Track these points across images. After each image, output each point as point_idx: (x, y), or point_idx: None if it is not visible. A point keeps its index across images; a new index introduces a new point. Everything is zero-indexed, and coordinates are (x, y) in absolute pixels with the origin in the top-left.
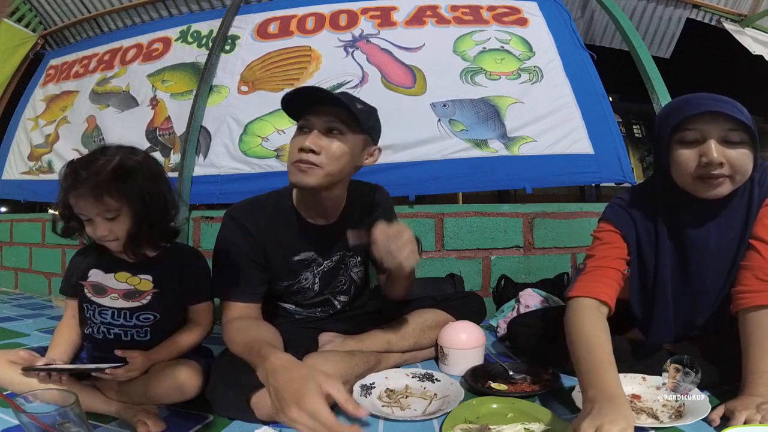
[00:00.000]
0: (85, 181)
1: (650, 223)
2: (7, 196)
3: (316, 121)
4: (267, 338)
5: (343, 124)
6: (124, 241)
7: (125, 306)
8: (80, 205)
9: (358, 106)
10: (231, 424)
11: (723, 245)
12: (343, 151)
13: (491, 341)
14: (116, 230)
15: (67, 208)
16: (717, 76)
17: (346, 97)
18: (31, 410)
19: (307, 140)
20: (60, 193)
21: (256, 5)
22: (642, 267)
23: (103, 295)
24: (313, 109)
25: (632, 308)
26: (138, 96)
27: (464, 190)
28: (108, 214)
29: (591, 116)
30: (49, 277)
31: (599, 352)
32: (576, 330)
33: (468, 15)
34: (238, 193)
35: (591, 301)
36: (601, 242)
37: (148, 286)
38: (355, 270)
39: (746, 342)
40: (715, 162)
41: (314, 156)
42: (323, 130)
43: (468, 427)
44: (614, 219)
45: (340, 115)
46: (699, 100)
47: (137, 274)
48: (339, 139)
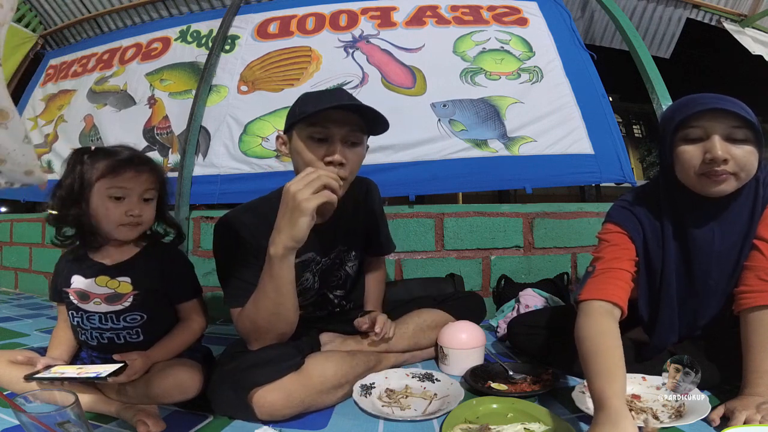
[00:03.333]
0: (142, 160)
1: (656, 223)
2: (7, 196)
3: (337, 131)
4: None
5: (361, 132)
6: (143, 228)
7: (109, 309)
8: (128, 179)
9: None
10: (231, 424)
11: (727, 245)
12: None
13: (491, 341)
14: (146, 213)
15: (72, 192)
16: (717, 76)
17: (364, 106)
18: (31, 410)
19: (336, 154)
20: (77, 173)
21: (256, 5)
22: (649, 268)
23: (86, 301)
24: (333, 117)
25: (639, 310)
26: (135, 95)
27: (464, 190)
28: (147, 194)
29: (591, 116)
30: (49, 277)
31: (608, 361)
32: (586, 335)
33: (468, 15)
34: (238, 193)
35: (603, 304)
36: (609, 244)
37: (128, 289)
38: (350, 264)
39: (747, 342)
40: (719, 158)
41: (341, 169)
42: (344, 140)
43: (468, 427)
44: (621, 220)
45: (359, 123)
46: (703, 99)
47: (116, 277)
48: (358, 148)
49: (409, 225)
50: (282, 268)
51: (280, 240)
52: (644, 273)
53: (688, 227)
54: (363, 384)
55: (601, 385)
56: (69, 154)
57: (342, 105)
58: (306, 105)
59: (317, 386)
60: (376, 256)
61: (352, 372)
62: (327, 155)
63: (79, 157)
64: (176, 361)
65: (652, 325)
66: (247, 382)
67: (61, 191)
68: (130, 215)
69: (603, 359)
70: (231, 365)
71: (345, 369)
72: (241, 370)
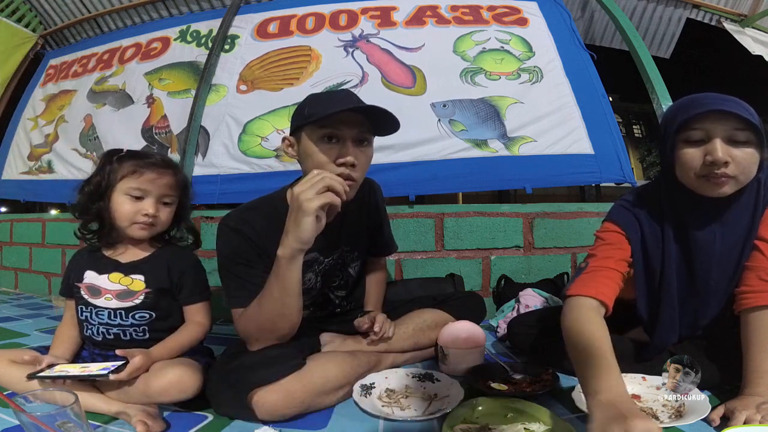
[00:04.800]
0: (165, 164)
1: (656, 224)
2: (7, 196)
3: (349, 133)
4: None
5: (369, 133)
6: (157, 229)
7: (120, 306)
8: (149, 180)
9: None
10: (231, 424)
11: (728, 246)
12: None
13: (491, 341)
14: (162, 216)
15: (99, 188)
16: (717, 76)
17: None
18: (31, 410)
19: (349, 156)
20: (106, 171)
21: (256, 5)
22: (648, 269)
23: (98, 296)
24: (344, 118)
25: (638, 310)
26: (134, 94)
27: (464, 190)
28: (167, 198)
29: (591, 116)
30: (49, 277)
31: (597, 353)
32: (574, 329)
33: (468, 15)
34: (237, 193)
35: (590, 300)
36: (604, 242)
37: (140, 287)
38: (353, 265)
39: (747, 342)
40: (720, 161)
41: (353, 171)
42: (356, 141)
43: (468, 427)
44: (619, 220)
45: (367, 125)
46: (705, 100)
47: (129, 275)
48: (368, 149)
49: (409, 225)
50: (289, 270)
51: (287, 242)
52: (643, 273)
53: (689, 228)
54: (363, 384)
55: (597, 379)
56: (102, 153)
57: (357, 108)
58: (316, 107)
59: (318, 387)
60: (378, 256)
61: (354, 373)
62: (339, 156)
63: (109, 158)
64: (176, 360)
65: (653, 325)
66: (248, 383)
67: (89, 186)
68: (144, 215)
69: (593, 353)
70: (231, 365)
71: (346, 370)
72: (242, 370)
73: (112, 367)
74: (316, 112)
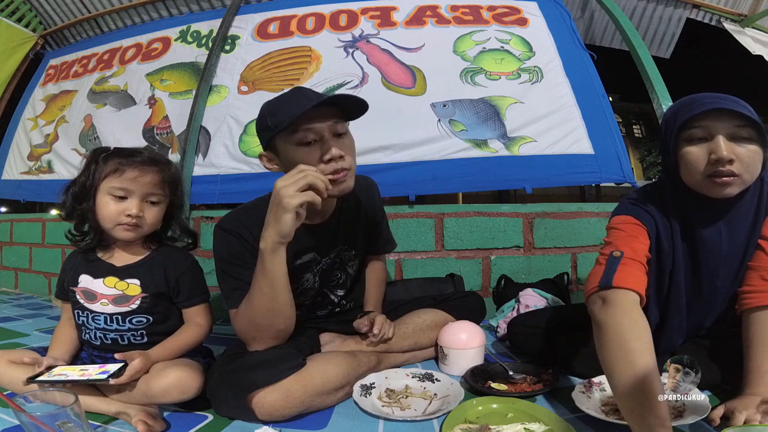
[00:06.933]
0: (150, 161)
1: (666, 221)
2: (7, 196)
3: (323, 127)
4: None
5: (343, 121)
6: (144, 230)
7: (116, 311)
8: (131, 179)
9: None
10: (231, 424)
11: (734, 246)
12: (354, 146)
13: (491, 341)
14: (148, 216)
15: (83, 189)
16: (717, 76)
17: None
18: (31, 410)
19: (332, 150)
20: (91, 171)
21: (256, 5)
22: (660, 269)
23: (93, 301)
24: (313, 115)
25: (648, 312)
26: (136, 95)
27: (464, 190)
28: (153, 197)
29: (591, 116)
30: (49, 277)
31: (650, 377)
32: (616, 333)
33: (468, 15)
34: (237, 193)
35: (632, 294)
36: (626, 233)
37: (136, 291)
38: (351, 263)
39: (748, 341)
40: (725, 158)
41: (343, 162)
42: (334, 134)
43: (468, 427)
44: (635, 213)
45: (338, 114)
46: (705, 99)
47: (125, 279)
48: (347, 137)
49: (409, 225)
50: (273, 263)
51: (268, 235)
52: (654, 273)
53: (695, 228)
54: (363, 384)
55: (649, 406)
56: (89, 152)
57: (321, 101)
58: (278, 114)
59: (319, 387)
60: (377, 254)
61: (354, 373)
62: (324, 154)
63: (95, 157)
64: (176, 361)
65: (661, 327)
66: (248, 383)
67: (74, 187)
68: (128, 215)
69: (644, 376)
70: (231, 365)
71: (347, 370)
72: (242, 371)
73: (111, 369)
74: (281, 119)
